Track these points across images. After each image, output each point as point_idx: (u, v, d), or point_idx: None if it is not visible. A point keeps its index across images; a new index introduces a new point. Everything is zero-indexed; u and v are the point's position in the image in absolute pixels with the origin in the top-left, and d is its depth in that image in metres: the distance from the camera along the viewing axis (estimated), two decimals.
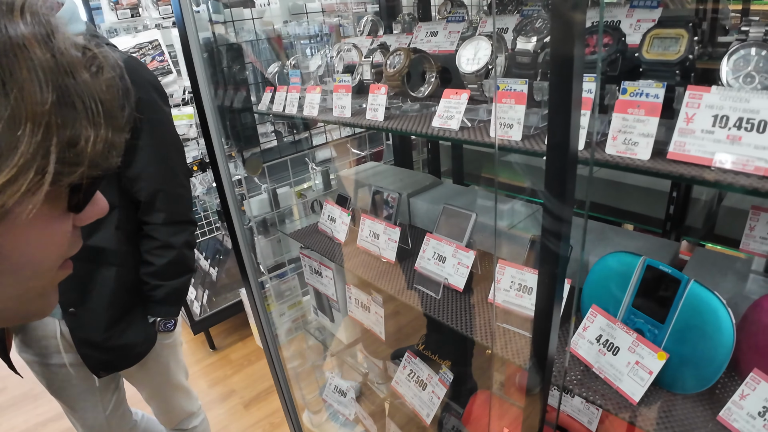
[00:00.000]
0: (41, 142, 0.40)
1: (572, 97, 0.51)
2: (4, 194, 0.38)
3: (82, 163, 0.44)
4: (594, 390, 0.85)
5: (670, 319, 0.81)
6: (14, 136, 0.38)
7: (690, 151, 0.60)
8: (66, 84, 0.42)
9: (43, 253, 0.46)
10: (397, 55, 1.03)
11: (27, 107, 0.39)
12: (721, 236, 1.31)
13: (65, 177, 0.43)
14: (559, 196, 0.54)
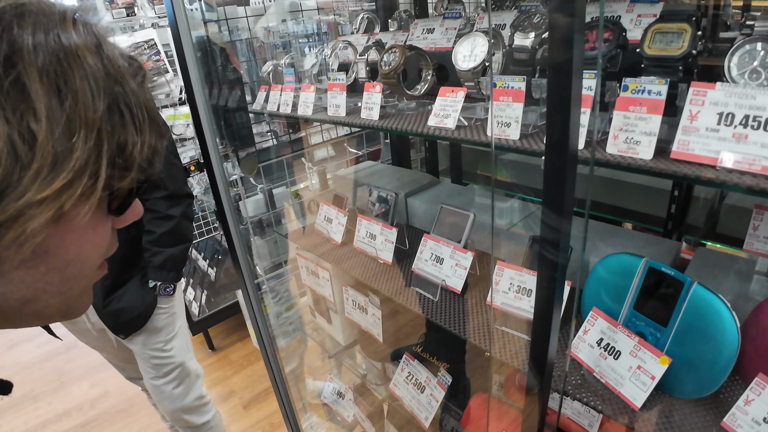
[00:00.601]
0: (93, 148, 0.42)
1: (571, 94, 0.49)
2: (61, 197, 0.41)
3: (131, 168, 0.47)
4: (595, 394, 0.83)
5: (672, 323, 0.79)
6: (70, 142, 0.40)
7: (694, 150, 0.58)
8: (115, 92, 0.44)
9: (88, 253, 0.48)
10: (392, 52, 1.01)
11: (81, 114, 0.41)
12: (723, 235, 1.29)
13: (116, 182, 0.46)
14: (558, 196, 0.52)
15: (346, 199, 1.52)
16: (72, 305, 0.51)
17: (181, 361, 1.82)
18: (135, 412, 2.80)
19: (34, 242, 0.42)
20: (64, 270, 0.46)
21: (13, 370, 3.32)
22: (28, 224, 0.40)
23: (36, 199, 0.39)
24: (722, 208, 1.31)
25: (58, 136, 0.39)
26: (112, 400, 2.91)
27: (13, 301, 0.45)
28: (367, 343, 1.89)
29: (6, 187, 0.38)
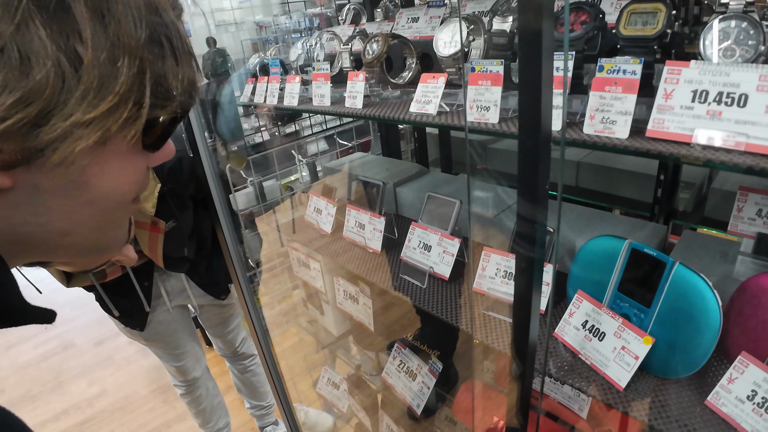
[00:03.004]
0: (137, 75, 0.43)
1: (542, 74, 0.49)
2: (108, 120, 0.41)
3: (172, 98, 0.47)
4: (580, 376, 0.84)
5: (656, 303, 0.79)
6: (114, 67, 0.41)
7: (669, 128, 0.58)
8: (155, 22, 0.44)
9: (124, 186, 0.49)
10: (375, 41, 1.01)
11: (124, 41, 0.41)
12: (711, 219, 1.30)
13: (159, 111, 0.47)
14: (532, 177, 0.52)
15: (335, 189, 1.52)
16: (108, 239, 0.52)
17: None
18: (133, 409, 2.81)
19: (80, 165, 0.42)
20: (100, 202, 0.47)
21: (11, 371, 3.31)
22: (76, 144, 0.40)
23: (84, 120, 0.40)
24: (710, 192, 1.31)
25: (103, 60, 0.40)
26: (110, 398, 2.91)
27: (52, 232, 0.45)
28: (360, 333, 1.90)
29: (53, 107, 0.38)
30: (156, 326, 1.78)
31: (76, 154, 0.41)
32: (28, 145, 0.38)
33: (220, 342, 2.08)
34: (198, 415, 2.15)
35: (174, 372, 1.97)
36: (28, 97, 0.37)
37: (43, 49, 0.37)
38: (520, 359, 0.70)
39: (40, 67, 0.37)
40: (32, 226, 0.44)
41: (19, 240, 0.44)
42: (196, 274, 1.72)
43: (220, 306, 1.92)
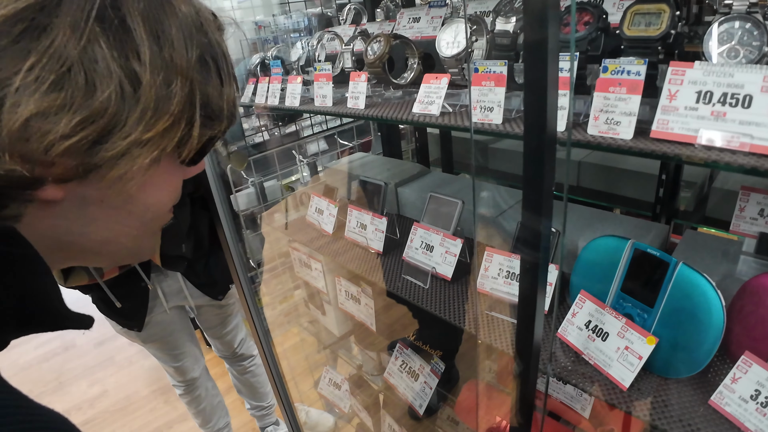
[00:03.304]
0: (188, 95, 0.44)
1: (548, 75, 0.49)
2: (164, 139, 0.43)
3: (218, 118, 0.49)
4: (584, 376, 0.84)
5: (659, 303, 0.79)
6: (168, 89, 0.42)
7: (673, 129, 0.58)
8: (203, 43, 0.46)
9: (164, 198, 0.51)
10: (376, 41, 1.00)
11: (177, 62, 0.42)
12: (712, 218, 1.30)
13: (207, 130, 0.48)
14: (538, 178, 0.52)
15: (336, 190, 1.52)
16: (144, 247, 0.55)
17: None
18: (134, 410, 2.81)
19: (137, 182, 0.44)
20: (142, 214, 0.49)
21: (12, 372, 3.32)
22: (134, 162, 0.42)
23: (142, 139, 0.41)
24: (711, 192, 1.31)
25: (159, 82, 0.41)
26: (110, 399, 2.91)
27: (94, 240, 0.47)
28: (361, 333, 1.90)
29: (113, 126, 0.39)
30: (153, 327, 1.77)
31: (134, 171, 0.43)
32: (87, 161, 0.40)
33: (219, 343, 2.08)
34: (198, 415, 2.15)
35: (172, 372, 1.97)
36: (92, 117, 0.38)
37: (106, 70, 0.38)
38: (524, 360, 0.70)
39: (103, 88, 0.38)
40: (76, 235, 0.45)
41: (62, 248, 0.46)
42: (193, 273, 1.72)
43: (217, 307, 1.92)
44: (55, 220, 0.43)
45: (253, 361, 2.18)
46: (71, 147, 0.38)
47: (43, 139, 0.37)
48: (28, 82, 0.36)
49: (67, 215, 0.44)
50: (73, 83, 0.37)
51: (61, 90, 0.37)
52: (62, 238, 0.45)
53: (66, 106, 0.37)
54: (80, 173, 0.41)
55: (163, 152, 0.44)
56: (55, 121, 0.37)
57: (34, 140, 0.37)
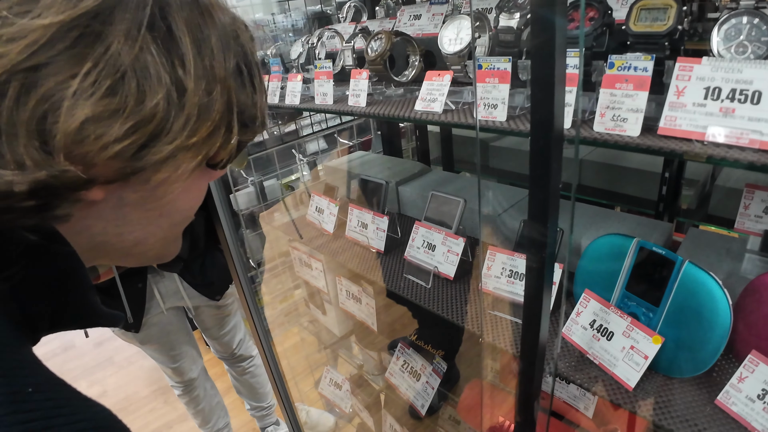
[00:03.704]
0: (226, 103, 0.46)
1: (555, 72, 0.48)
2: (206, 144, 0.45)
3: (252, 124, 0.51)
4: (589, 376, 0.83)
5: (664, 302, 0.79)
6: (210, 96, 0.44)
7: (681, 126, 0.57)
8: (238, 51, 0.47)
9: (192, 201, 0.53)
10: (378, 38, 1.00)
11: (216, 71, 0.44)
12: (715, 216, 1.29)
13: (243, 136, 0.50)
14: (544, 176, 0.51)
15: (337, 189, 1.51)
16: (168, 249, 0.56)
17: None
18: (133, 410, 2.80)
19: (180, 185, 0.47)
20: (172, 215, 0.51)
21: None
22: (179, 166, 0.44)
23: (188, 144, 0.43)
24: (714, 189, 1.31)
25: (202, 89, 0.43)
26: (110, 399, 2.90)
27: (127, 241, 0.49)
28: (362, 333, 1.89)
29: (160, 131, 0.41)
30: (150, 328, 1.76)
31: (178, 174, 0.45)
32: (134, 164, 0.42)
33: (217, 344, 2.07)
34: (197, 416, 2.15)
35: (170, 373, 1.96)
36: (142, 122, 0.40)
37: (156, 77, 0.40)
38: (529, 360, 0.69)
39: (153, 95, 0.40)
40: (110, 236, 0.47)
41: (94, 247, 0.47)
42: (189, 274, 1.71)
43: (215, 307, 1.91)
44: (92, 220, 0.45)
45: (252, 361, 2.17)
46: (122, 150, 0.40)
47: (98, 142, 0.39)
48: (85, 87, 0.37)
49: (104, 216, 0.45)
50: (126, 89, 0.39)
51: (115, 95, 0.38)
52: (96, 238, 0.47)
53: (119, 110, 0.39)
54: (125, 175, 0.42)
55: (205, 157, 0.46)
56: (108, 125, 0.39)
57: (88, 142, 0.38)
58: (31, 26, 0.36)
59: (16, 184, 0.37)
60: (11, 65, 0.35)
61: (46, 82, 0.36)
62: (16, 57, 0.35)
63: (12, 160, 0.37)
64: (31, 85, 0.36)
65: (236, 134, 0.48)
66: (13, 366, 0.36)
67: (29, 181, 0.37)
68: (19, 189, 0.37)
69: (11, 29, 0.36)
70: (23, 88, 0.36)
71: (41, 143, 0.37)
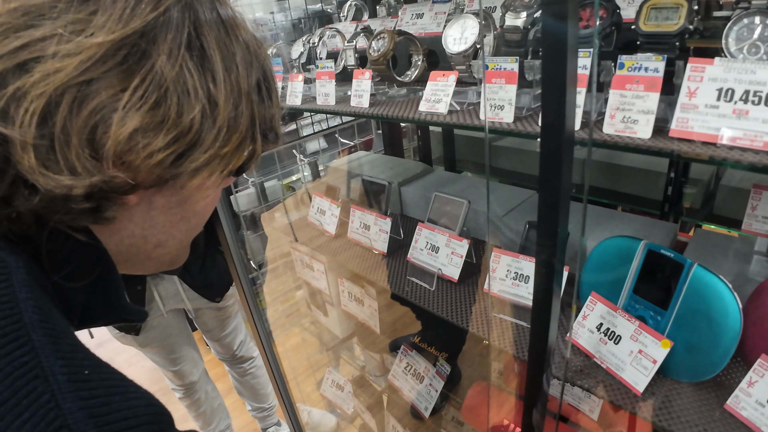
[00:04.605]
0: (250, 116, 0.49)
1: (566, 72, 0.47)
2: (236, 153, 0.48)
3: (270, 135, 0.54)
4: (596, 380, 0.82)
5: (673, 305, 0.77)
6: (237, 110, 0.47)
7: (693, 128, 0.56)
8: (257, 66, 0.50)
9: (210, 205, 0.57)
10: (380, 38, 0.98)
11: (241, 85, 0.47)
12: (719, 216, 1.28)
13: (266, 146, 0.53)
14: (555, 179, 0.50)
15: (338, 189, 1.49)
16: (181, 253, 0.60)
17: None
18: None
19: (212, 191, 0.51)
20: (191, 220, 0.54)
21: None
22: (213, 173, 0.47)
23: (221, 153, 0.46)
24: (718, 189, 1.29)
25: (231, 103, 0.46)
26: None
27: (150, 244, 0.52)
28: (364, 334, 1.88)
29: (196, 141, 0.44)
30: (150, 331, 1.75)
31: (212, 181, 0.48)
32: (171, 171, 0.45)
33: (218, 346, 2.05)
34: (198, 418, 2.13)
35: (171, 376, 1.95)
36: (181, 133, 0.43)
37: (194, 93, 0.43)
38: (537, 364, 0.68)
39: (191, 109, 0.43)
40: (136, 238, 0.50)
41: (121, 250, 0.50)
42: (189, 276, 1.70)
43: (215, 309, 1.89)
44: (124, 222, 0.48)
45: (253, 363, 2.16)
46: (164, 158, 0.43)
47: (144, 150, 0.42)
48: (134, 101, 0.41)
49: (134, 218, 0.49)
50: (168, 103, 0.42)
51: (159, 108, 0.42)
52: (125, 241, 0.50)
53: (163, 122, 0.42)
54: (163, 181, 0.46)
55: (236, 164, 0.49)
56: (154, 136, 0.42)
57: (136, 151, 0.42)
58: (86, 44, 0.39)
59: (75, 188, 0.40)
60: (67, 79, 0.38)
61: (97, 95, 0.40)
62: (72, 72, 0.39)
63: (65, 166, 0.40)
64: (84, 97, 0.39)
65: (260, 145, 0.51)
66: (71, 350, 0.38)
67: (86, 185, 0.40)
68: (76, 192, 0.40)
69: (67, 46, 0.39)
70: (77, 101, 0.39)
71: (92, 151, 0.41)
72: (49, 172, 0.39)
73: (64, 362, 0.36)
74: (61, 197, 0.40)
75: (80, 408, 0.34)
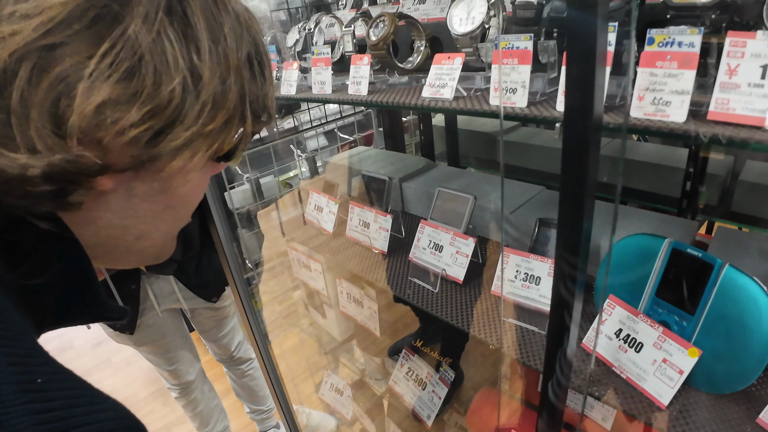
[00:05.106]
0: (240, 92, 0.45)
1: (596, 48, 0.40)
2: (223, 132, 0.45)
3: (263, 115, 0.50)
4: (615, 391, 0.75)
5: (701, 310, 0.71)
6: (225, 84, 0.43)
7: (735, 110, 0.49)
8: (248, 39, 0.46)
9: (195, 195, 0.52)
10: (380, 21, 0.91)
11: (230, 59, 0.43)
12: (738, 213, 1.22)
13: (254, 127, 0.49)
14: (581, 170, 0.43)
15: (337, 186, 1.43)
16: (167, 246, 0.55)
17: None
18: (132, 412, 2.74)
19: (195, 174, 0.46)
20: (176, 209, 0.50)
21: None
22: (195, 154, 0.43)
23: (204, 131, 0.42)
24: (737, 184, 1.23)
25: (217, 77, 0.42)
26: None
27: (130, 235, 0.48)
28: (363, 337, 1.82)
29: (177, 117, 0.40)
30: (145, 330, 1.71)
31: (193, 163, 0.44)
32: (149, 151, 0.41)
33: (215, 347, 2.01)
34: (195, 418, 2.09)
35: (167, 375, 1.91)
36: (159, 107, 0.39)
37: (173, 62, 0.39)
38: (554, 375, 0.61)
39: (170, 80, 0.39)
40: (115, 228, 0.46)
41: (98, 242, 0.46)
42: (184, 275, 1.65)
43: (212, 309, 1.85)
44: (100, 212, 0.44)
45: (251, 364, 2.11)
46: (138, 135, 0.39)
47: (114, 126, 0.38)
48: (102, 68, 0.36)
49: (111, 207, 0.44)
50: (143, 73, 0.38)
51: (132, 78, 0.38)
52: (101, 232, 0.45)
53: (136, 94, 0.38)
54: (139, 163, 0.41)
55: (220, 146, 0.45)
56: (125, 109, 0.38)
57: (105, 126, 0.38)
58: (47, 4, 0.35)
59: (30, 167, 0.36)
60: (25, 43, 0.34)
61: (61, 62, 0.35)
62: (31, 35, 0.34)
63: (22, 143, 0.36)
64: (46, 65, 0.35)
65: (250, 124, 0.48)
66: (27, 353, 0.34)
67: (43, 165, 0.36)
68: (32, 173, 0.36)
69: (26, 5, 0.35)
70: (36, 68, 0.35)
71: (54, 126, 0.36)
72: (3, 149, 0.35)
73: (16, 369, 0.32)
74: (17, 178, 0.36)
75: (32, 424, 0.29)
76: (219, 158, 0.51)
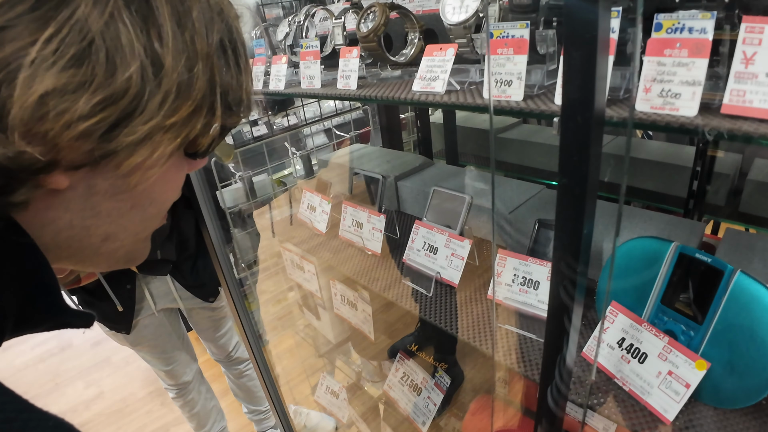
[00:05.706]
0: (209, 82, 0.42)
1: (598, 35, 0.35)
2: (186, 126, 0.42)
3: (237, 108, 0.47)
4: (617, 404, 0.71)
5: (710, 319, 0.66)
6: (191, 73, 0.40)
7: (753, 102, 0.44)
8: (220, 26, 0.44)
9: (168, 193, 0.49)
10: (371, 12, 0.87)
11: (198, 46, 0.41)
12: (745, 214, 1.17)
13: (227, 120, 0.47)
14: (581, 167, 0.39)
15: (330, 184, 1.38)
16: (138, 250, 0.51)
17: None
18: (130, 412, 2.72)
19: (156, 171, 0.42)
20: (146, 208, 0.47)
21: (8, 373, 3.24)
22: (156, 148, 0.40)
23: (165, 124, 0.39)
24: (746, 184, 1.18)
25: (182, 65, 0.39)
26: (106, 401, 2.83)
27: (95, 236, 0.44)
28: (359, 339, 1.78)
29: (134, 109, 0.37)
30: (142, 330, 1.68)
31: (154, 159, 0.41)
32: (104, 146, 0.37)
33: (213, 347, 1.99)
34: (192, 419, 2.07)
35: (163, 375, 1.89)
36: (113, 97, 0.36)
37: (129, 48, 0.36)
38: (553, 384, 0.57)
39: (125, 68, 0.36)
40: (77, 229, 0.43)
41: (59, 244, 0.43)
42: (180, 275, 1.63)
43: (210, 309, 1.82)
44: (58, 211, 0.41)
45: (249, 364, 2.09)
46: (89, 129, 0.36)
47: (60, 119, 0.34)
48: (46, 55, 0.33)
49: (71, 207, 0.41)
50: (94, 59, 0.35)
51: (81, 66, 0.34)
52: (62, 233, 0.42)
53: (86, 83, 0.35)
54: (94, 159, 0.38)
55: (184, 140, 0.43)
56: (73, 99, 0.34)
57: (49, 119, 0.34)
58: None
59: None
60: None
61: (1, 49, 0.32)
62: None
63: None
64: None
65: (219, 117, 0.45)
66: None
67: None
68: None
69: None
70: None
71: None
72: None
73: None
74: None
75: None
76: (194, 153, 0.48)
